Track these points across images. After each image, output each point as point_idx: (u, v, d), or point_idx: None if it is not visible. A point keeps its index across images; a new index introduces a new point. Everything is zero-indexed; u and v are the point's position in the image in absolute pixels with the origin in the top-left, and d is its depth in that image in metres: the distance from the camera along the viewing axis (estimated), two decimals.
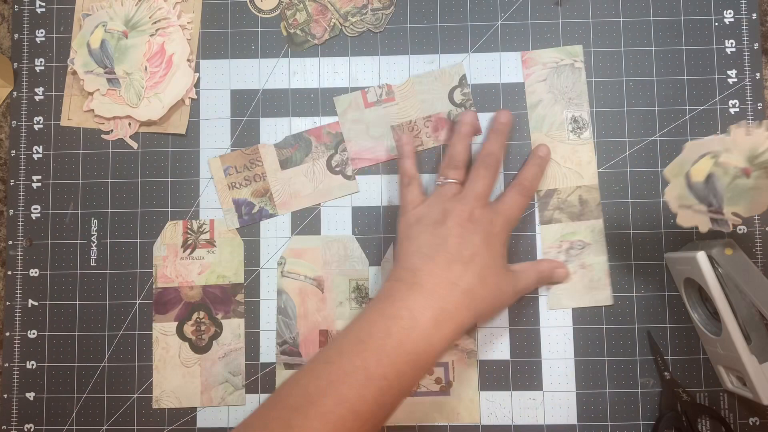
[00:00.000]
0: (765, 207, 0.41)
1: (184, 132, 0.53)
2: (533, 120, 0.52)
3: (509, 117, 0.49)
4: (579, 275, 0.50)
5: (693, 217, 0.43)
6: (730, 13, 0.52)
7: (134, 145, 0.53)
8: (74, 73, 0.53)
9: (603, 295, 0.50)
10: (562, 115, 0.52)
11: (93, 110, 0.53)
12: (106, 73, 0.52)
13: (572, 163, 0.51)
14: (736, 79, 0.51)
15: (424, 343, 0.40)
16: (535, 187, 0.49)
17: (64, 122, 0.53)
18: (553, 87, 0.52)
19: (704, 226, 0.43)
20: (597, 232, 0.51)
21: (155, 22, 0.53)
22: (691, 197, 0.43)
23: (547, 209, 0.51)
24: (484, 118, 0.52)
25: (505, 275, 0.46)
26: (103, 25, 0.52)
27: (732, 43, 0.52)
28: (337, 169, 0.52)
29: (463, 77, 0.52)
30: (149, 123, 0.53)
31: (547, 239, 0.51)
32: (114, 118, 0.53)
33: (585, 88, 0.52)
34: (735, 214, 0.42)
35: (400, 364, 0.40)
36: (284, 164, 0.52)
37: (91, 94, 0.53)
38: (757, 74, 0.51)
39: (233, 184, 0.52)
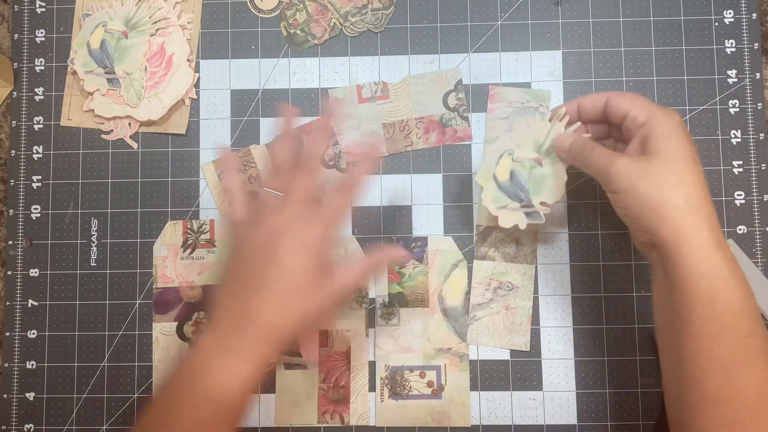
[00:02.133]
0: (563, 191, 0.45)
1: (184, 132, 0.53)
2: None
3: (337, 107, 0.47)
4: (501, 316, 0.50)
5: (510, 216, 0.46)
6: (730, 13, 0.52)
7: (134, 145, 0.53)
8: (74, 73, 0.53)
9: (521, 340, 0.50)
10: None
11: (93, 110, 0.53)
12: (106, 73, 0.52)
13: None
14: (736, 79, 0.52)
15: (215, 386, 0.37)
16: (362, 184, 0.43)
17: (64, 122, 0.53)
18: (513, 127, 0.51)
19: (522, 222, 0.46)
20: (527, 277, 0.50)
21: (155, 22, 0.53)
22: (504, 197, 0.46)
23: (483, 245, 0.51)
24: (482, 118, 0.52)
25: (315, 292, 0.39)
26: (103, 25, 0.52)
27: (732, 43, 0.52)
28: (331, 163, 0.52)
29: (459, 82, 0.52)
30: (149, 123, 0.53)
31: (477, 274, 0.51)
32: (114, 118, 0.53)
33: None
34: (543, 204, 0.46)
35: (198, 412, 0.37)
36: None
37: (91, 94, 0.53)
38: (757, 74, 0.51)
39: None
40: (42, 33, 0.54)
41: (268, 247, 0.39)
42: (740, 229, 0.51)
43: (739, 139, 0.51)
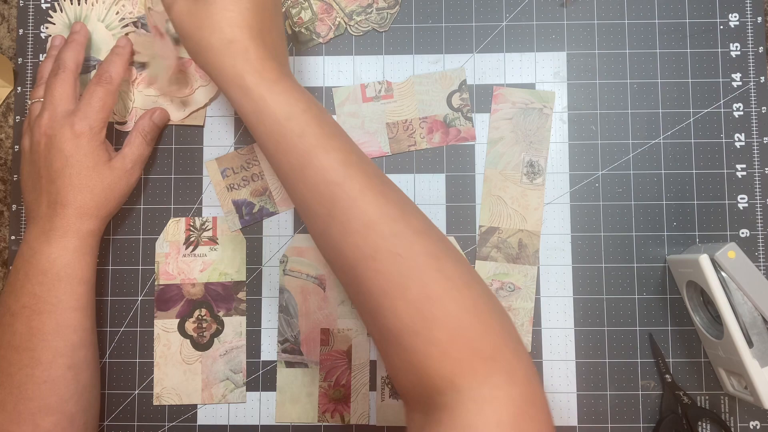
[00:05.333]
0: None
1: (202, 123, 0.53)
2: (491, 155, 0.52)
3: (83, 27, 0.51)
4: None
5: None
6: (735, 17, 0.52)
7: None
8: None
9: (523, 341, 0.50)
10: (520, 157, 0.52)
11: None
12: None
13: (519, 205, 0.51)
14: (740, 83, 0.51)
15: (45, 261, 0.44)
16: (116, 73, 0.48)
17: None
18: (518, 127, 0.52)
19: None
20: (529, 278, 0.50)
21: (121, 19, 0.53)
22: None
23: (486, 246, 0.51)
24: (485, 118, 0.52)
25: (106, 169, 0.47)
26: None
27: (737, 47, 0.52)
28: None
29: (464, 82, 0.52)
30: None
31: (480, 275, 0.50)
32: (133, 108, 0.52)
33: (548, 135, 0.51)
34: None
35: (33, 288, 0.44)
36: None
37: None
38: (762, 78, 0.51)
39: (232, 185, 0.52)
40: (46, 28, 0.54)
41: (47, 145, 0.45)
42: (743, 233, 0.51)
43: (743, 143, 0.51)
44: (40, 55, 0.54)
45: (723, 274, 0.44)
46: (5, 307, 0.44)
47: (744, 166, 0.51)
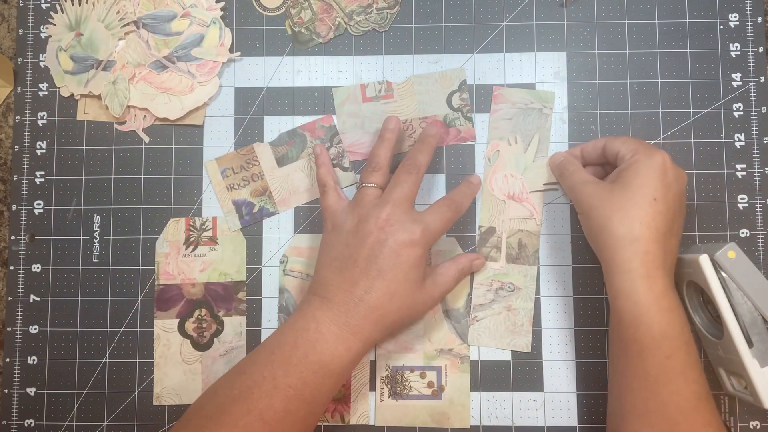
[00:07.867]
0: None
1: (201, 123, 0.53)
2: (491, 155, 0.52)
3: (437, 131, 0.49)
4: (503, 317, 0.50)
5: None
6: (735, 17, 0.52)
7: (146, 138, 0.53)
8: (81, 96, 0.53)
9: (523, 341, 0.50)
10: None
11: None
12: (95, 67, 0.52)
13: None
14: (740, 83, 0.51)
15: (329, 354, 0.42)
16: (465, 205, 0.47)
17: (80, 116, 0.53)
18: (517, 128, 0.52)
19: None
20: (529, 278, 0.50)
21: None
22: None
23: (486, 246, 0.51)
24: (485, 119, 0.52)
25: (419, 288, 0.44)
26: (59, 48, 0.53)
27: (737, 47, 0.52)
28: (334, 161, 0.52)
29: (464, 82, 0.52)
30: (165, 119, 0.53)
31: (479, 275, 0.51)
32: (131, 107, 0.52)
33: (548, 135, 0.51)
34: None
35: (306, 373, 0.41)
36: (281, 161, 0.52)
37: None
38: (762, 78, 0.51)
39: (231, 185, 0.52)
40: (46, 29, 0.54)
41: (380, 240, 0.43)
42: (743, 233, 0.51)
43: (743, 143, 0.51)
44: (41, 55, 0.54)
45: (723, 274, 0.44)
46: (271, 373, 0.41)
47: (744, 166, 0.51)
